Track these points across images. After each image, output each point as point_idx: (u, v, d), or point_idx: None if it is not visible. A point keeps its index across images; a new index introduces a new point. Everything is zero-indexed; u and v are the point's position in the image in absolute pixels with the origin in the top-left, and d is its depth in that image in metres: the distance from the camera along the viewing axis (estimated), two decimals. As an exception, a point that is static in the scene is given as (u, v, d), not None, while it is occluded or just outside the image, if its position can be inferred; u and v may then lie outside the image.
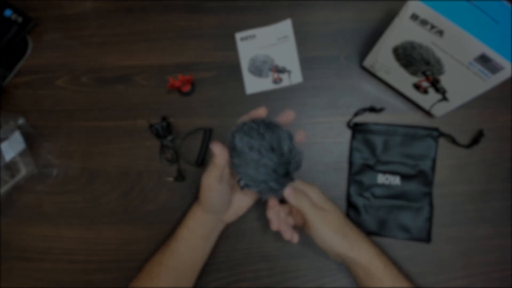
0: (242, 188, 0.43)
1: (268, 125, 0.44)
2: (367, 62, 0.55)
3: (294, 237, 0.47)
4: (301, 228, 0.48)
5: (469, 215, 0.53)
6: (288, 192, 0.43)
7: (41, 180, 0.58)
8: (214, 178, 0.44)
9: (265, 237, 0.55)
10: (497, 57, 0.38)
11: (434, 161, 0.53)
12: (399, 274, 0.45)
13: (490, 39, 0.39)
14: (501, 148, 0.54)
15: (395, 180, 0.53)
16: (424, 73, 0.48)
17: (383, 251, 0.47)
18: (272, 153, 0.42)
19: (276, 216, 0.46)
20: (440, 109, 0.52)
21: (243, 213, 0.51)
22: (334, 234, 0.44)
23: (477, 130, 0.54)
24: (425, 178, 0.53)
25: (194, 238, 0.49)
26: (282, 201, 0.47)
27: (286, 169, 0.43)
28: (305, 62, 0.58)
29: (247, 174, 0.42)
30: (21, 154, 0.57)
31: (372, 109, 0.55)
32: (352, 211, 0.54)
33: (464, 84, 0.45)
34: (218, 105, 0.58)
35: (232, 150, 0.43)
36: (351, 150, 0.55)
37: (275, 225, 0.46)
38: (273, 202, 0.47)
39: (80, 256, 0.56)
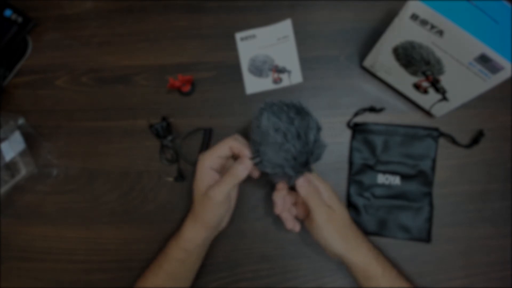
0: (255, 165, 0.43)
1: (299, 110, 0.42)
2: (367, 62, 0.55)
3: (296, 226, 0.47)
4: (301, 221, 0.48)
5: (469, 215, 0.53)
6: (301, 182, 0.43)
7: (41, 180, 0.58)
8: (225, 194, 0.43)
9: (265, 237, 0.54)
10: (497, 57, 0.38)
11: (434, 161, 0.53)
12: (398, 277, 0.45)
13: (490, 39, 0.39)
14: (501, 148, 0.54)
15: (395, 180, 0.53)
16: (424, 73, 0.48)
17: (383, 254, 0.47)
18: (298, 140, 0.41)
19: (282, 200, 0.46)
20: (440, 109, 0.52)
21: (232, 214, 0.51)
22: (336, 234, 0.44)
23: (477, 130, 0.54)
24: (425, 178, 0.53)
25: (191, 259, 0.48)
26: (291, 189, 0.47)
27: (307, 159, 0.42)
28: (305, 62, 0.58)
29: (265, 154, 0.41)
30: (21, 154, 0.57)
31: (372, 109, 0.55)
32: (352, 211, 0.54)
33: (464, 84, 0.45)
34: (218, 105, 0.58)
35: (256, 127, 0.42)
36: (351, 150, 0.55)
37: (278, 208, 0.46)
38: (282, 186, 0.47)
39: (80, 256, 0.56)
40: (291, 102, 0.43)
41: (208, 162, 0.45)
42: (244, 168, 0.43)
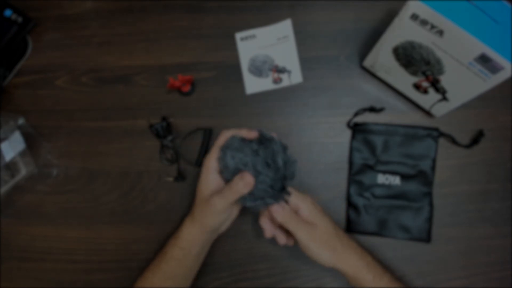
0: (242, 205, 0.44)
1: (259, 140, 0.43)
2: (367, 62, 0.55)
3: (290, 241, 0.46)
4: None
5: (469, 215, 0.53)
6: (275, 209, 0.43)
7: (41, 180, 0.58)
8: (226, 206, 0.43)
9: (265, 238, 0.54)
10: (497, 57, 0.38)
11: (434, 161, 0.53)
12: (390, 281, 0.45)
13: (490, 39, 0.39)
14: (501, 148, 0.54)
15: (395, 180, 0.53)
16: (424, 73, 0.48)
17: (375, 260, 0.46)
18: (268, 168, 0.42)
19: (269, 223, 0.46)
20: (440, 109, 0.52)
21: (234, 220, 0.50)
22: (322, 249, 0.44)
23: (477, 130, 0.54)
24: (425, 178, 0.53)
25: (189, 259, 0.47)
26: None
27: (282, 184, 0.43)
28: (305, 62, 0.58)
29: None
30: (21, 154, 0.57)
31: (372, 109, 0.55)
32: (352, 211, 0.54)
33: (464, 84, 0.45)
34: (218, 105, 0.58)
35: (225, 168, 0.43)
36: (351, 150, 0.55)
37: (268, 232, 0.46)
38: (261, 212, 0.46)
39: (80, 256, 0.56)
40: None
41: (213, 163, 0.45)
42: (244, 186, 0.42)
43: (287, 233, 0.46)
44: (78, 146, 0.59)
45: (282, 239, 0.46)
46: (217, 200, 0.43)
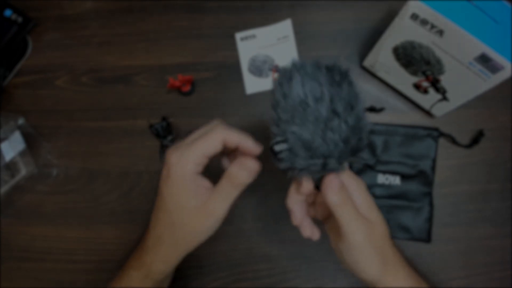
0: (276, 158, 0.29)
1: (344, 74, 0.30)
2: (367, 62, 0.55)
3: (315, 234, 0.36)
4: (320, 222, 0.38)
5: (469, 215, 0.53)
6: (331, 184, 0.30)
7: (41, 180, 0.58)
8: (228, 208, 0.34)
9: (265, 237, 0.54)
10: (497, 57, 0.38)
11: (434, 161, 0.53)
12: None
13: (490, 39, 0.39)
14: (502, 148, 0.54)
15: (395, 180, 0.53)
16: (424, 73, 0.48)
17: (421, 277, 0.37)
18: (350, 113, 0.28)
19: (301, 206, 0.35)
20: (440, 109, 0.52)
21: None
22: (374, 256, 0.33)
23: (477, 130, 0.54)
24: (425, 178, 0.53)
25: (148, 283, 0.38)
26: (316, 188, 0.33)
27: (358, 143, 0.29)
28: (305, 62, 0.58)
29: (298, 139, 0.28)
30: (21, 154, 0.57)
31: (372, 109, 0.55)
32: (352, 211, 0.54)
33: (464, 84, 0.45)
34: (218, 105, 0.58)
35: (282, 98, 0.29)
36: (351, 150, 0.55)
37: (297, 218, 0.35)
38: (301, 185, 0.32)
39: (80, 256, 0.56)
40: (331, 62, 0.31)
41: (192, 166, 0.33)
42: (249, 174, 0.32)
43: (313, 223, 0.36)
44: (78, 146, 0.59)
45: (307, 230, 0.35)
46: (217, 202, 0.33)
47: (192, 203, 0.33)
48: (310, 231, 0.35)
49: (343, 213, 0.31)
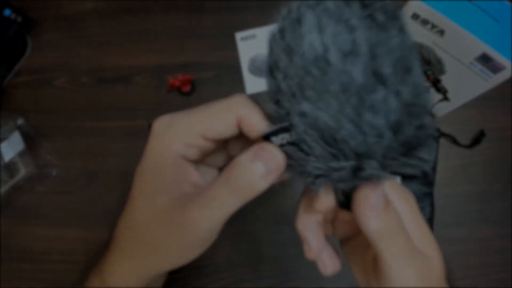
0: (282, 146, 0.19)
1: (391, 13, 0.17)
2: (367, 62, 0.55)
3: (336, 266, 0.26)
4: (339, 242, 0.29)
5: (470, 216, 0.53)
6: (374, 203, 0.19)
7: (40, 181, 0.58)
8: (219, 221, 0.22)
9: (266, 237, 0.54)
10: (498, 57, 0.38)
11: (435, 161, 0.53)
12: None
13: (491, 38, 0.38)
14: (503, 148, 0.54)
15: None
16: (425, 73, 0.48)
17: None
18: (405, 78, 0.17)
19: (317, 230, 0.24)
20: (441, 109, 0.52)
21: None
22: None
23: (479, 130, 0.54)
24: (426, 178, 0.53)
25: None
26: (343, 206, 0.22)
27: (418, 133, 0.18)
28: (306, 62, 0.58)
29: (313, 125, 0.17)
30: (20, 154, 0.57)
31: (372, 109, 0.55)
32: (352, 212, 0.54)
33: (465, 84, 0.44)
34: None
35: (284, 54, 0.18)
36: (352, 150, 0.55)
37: (313, 250, 0.25)
38: (318, 202, 0.21)
39: (80, 257, 0.56)
40: None
41: (179, 147, 0.23)
42: (268, 172, 0.19)
43: (333, 251, 0.26)
44: (78, 146, 0.59)
45: (329, 263, 0.25)
46: (202, 212, 0.21)
47: (164, 203, 0.22)
48: (331, 266, 0.25)
49: (388, 247, 0.20)
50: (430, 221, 0.52)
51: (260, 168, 0.19)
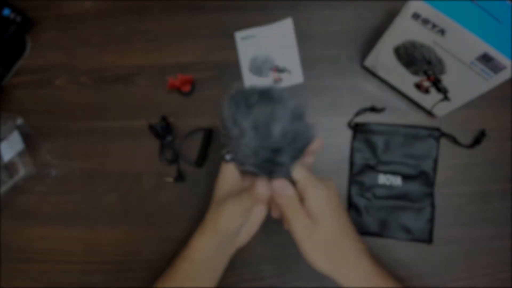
0: (227, 161, 0.39)
1: (263, 94, 0.35)
2: (368, 62, 0.55)
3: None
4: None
5: (471, 216, 0.52)
6: (276, 186, 0.36)
7: (40, 181, 0.58)
8: (244, 210, 0.39)
9: (266, 238, 0.54)
10: (499, 56, 0.38)
11: (435, 161, 0.53)
12: None
13: (492, 38, 0.38)
14: (503, 148, 0.54)
15: (396, 181, 0.53)
16: (425, 73, 0.48)
17: (379, 272, 0.38)
18: (255, 132, 0.34)
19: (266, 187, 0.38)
20: (441, 109, 0.52)
21: (254, 233, 0.46)
22: (317, 252, 0.37)
23: (479, 130, 0.54)
24: (426, 178, 0.53)
25: (201, 272, 0.42)
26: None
27: (271, 156, 0.34)
28: (306, 62, 0.58)
29: (232, 150, 0.37)
30: (20, 154, 0.57)
31: (373, 109, 0.55)
32: (353, 212, 0.53)
33: (466, 83, 0.44)
34: (218, 105, 0.58)
35: (221, 118, 0.37)
36: (352, 150, 0.55)
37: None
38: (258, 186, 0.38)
39: (79, 257, 0.56)
40: (261, 85, 0.36)
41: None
42: (264, 187, 0.37)
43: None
44: (77, 146, 0.59)
45: (276, 211, 0.42)
46: (231, 204, 0.39)
47: (221, 193, 0.41)
48: (278, 213, 0.42)
49: (286, 211, 0.37)
50: (431, 221, 0.52)
51: (264, 190, 0.37)
